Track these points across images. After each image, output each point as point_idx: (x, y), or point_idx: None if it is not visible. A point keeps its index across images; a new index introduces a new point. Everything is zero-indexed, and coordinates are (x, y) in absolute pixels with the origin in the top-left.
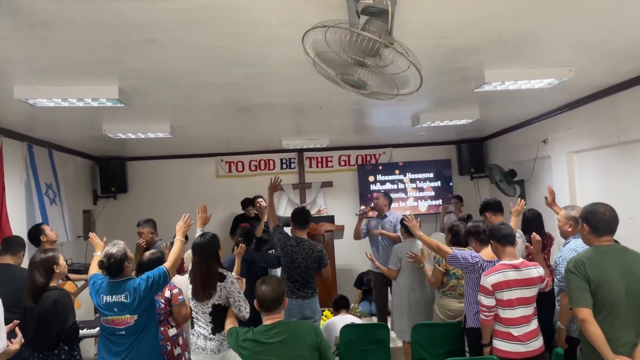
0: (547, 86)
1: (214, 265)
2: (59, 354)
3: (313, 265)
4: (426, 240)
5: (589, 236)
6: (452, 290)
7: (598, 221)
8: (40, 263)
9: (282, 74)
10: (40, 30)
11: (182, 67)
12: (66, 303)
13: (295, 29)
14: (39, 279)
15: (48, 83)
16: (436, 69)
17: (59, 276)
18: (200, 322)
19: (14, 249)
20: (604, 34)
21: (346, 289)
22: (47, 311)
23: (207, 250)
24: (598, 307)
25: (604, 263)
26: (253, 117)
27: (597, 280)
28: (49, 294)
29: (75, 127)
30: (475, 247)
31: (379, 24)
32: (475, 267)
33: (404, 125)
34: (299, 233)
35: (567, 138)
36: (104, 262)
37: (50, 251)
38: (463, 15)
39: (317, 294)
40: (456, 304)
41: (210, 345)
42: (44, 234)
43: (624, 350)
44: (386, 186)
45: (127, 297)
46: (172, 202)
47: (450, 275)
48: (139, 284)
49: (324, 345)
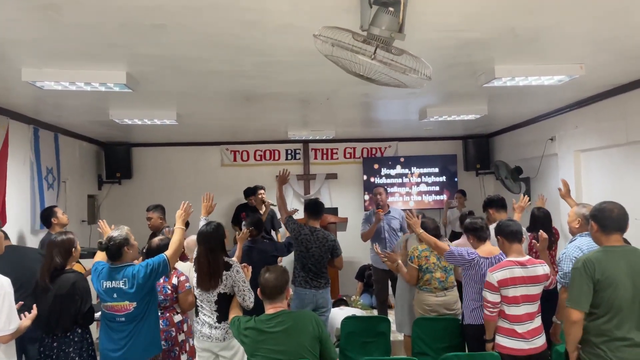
0: (557, 83)
1: (220, 254)
2: (72, 336)
3: (326, 254)
4: (425, 238)
5: (597, 234)
6: (427, 284)
7: (606, 218)
8: (60, 243)
9: (291, 63)
10: (50, 12)
11: (190, 54)
12: (84, 286)
13: (306, 17)
14: (57, 260)
15: (56, 66)
16: (446, 62)
17: (75, 260)
18: (205, 310)
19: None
20: (617, 32)
21: (348, 281)
22: (65, 293)
23: (213, 239)
24: (604, 308)
25: (612, 264)
26: (260, 106)
27: (604, 281)
28: (67, 276)
29: (81, 111)
30: (472, 243)
31: (388, 19)
32: (471, 264)
33: (411, 118)
34: (312, 223)
35: (575, 136)
36: (103, 242)
37: (70, 233)
38: (476, 7)
39: (329, 285)
40: (432, 298)
41: (215, 334)
42: (56, 216)
43: (630, 352)
44: (391, 180)
45: (126, 284)
46: (176, 189)
47: (423, 270)
48: (138, 271)
49: (325, 336)
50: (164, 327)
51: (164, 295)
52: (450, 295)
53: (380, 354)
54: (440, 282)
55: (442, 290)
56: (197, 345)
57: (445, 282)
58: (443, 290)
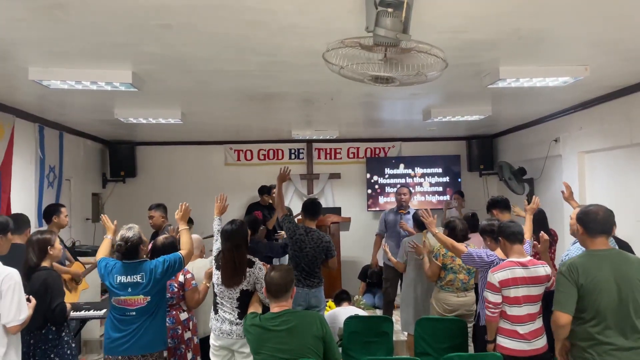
0: (562, 85)
1: (245, 251)
2: (47, 333)
3: (320, 255)
4: (441, 238)
5: (582, 237)
6: (449, 285)
7: (590, 221)
8: (35, 242)
9: (296, 64)
10: (56, 11)
11: (196, 53)
12: (54, 283)
13: (311, 17)
14: (31, 258)
15: (62, 65)
16: (451, 63)
17: (53, 259)
18: (226, 307)
19: (20, 227)
20: (623, 33)
21: (350, 281)
22: (36, 291)
23: (238, 236)
24: (590, 312)
25: (597, 268)
26: (264, 106)
27: (588, 285)
28: (38, 274)
29: (87, 110)
30: (490, 245)
31: (393, 20)
32: (491, 266)
33: (414, 119)
34: (308, 223)
35: (579, 138)
36: (122, 245)
37: (48, 233)
38: (482, 9)
39: (322, 284)
40: (454, 299)
41: (236, 330)
42: (59, 215)
43: (618, 356)
44: (394, 180)
45: (143, 278)
46: (180, 188)
47: (447, 269)
48: (156, 266)
49: (329, 336)
50: (171, 324)
51: (170, 293)
52: (469, 297)
53: (383, 354)
54: (463, 284)
55: (463, 291)
56: (213, 343)
57: (467, 284)
58: (464, 291)
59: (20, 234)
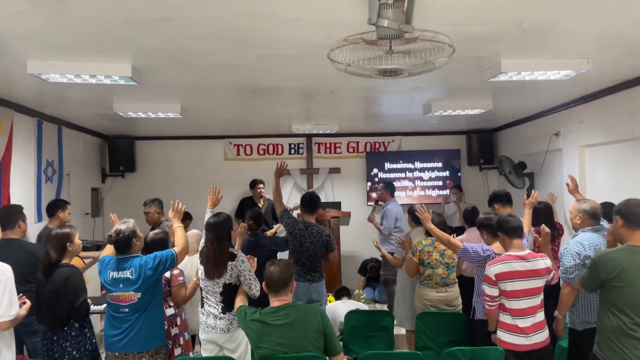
0: (563, 78)
1: (226, 244)
2: (70, 330)
3: (321, 249)
4: (437, 233)
5: (621, 230)
6: (428, 279)
7: (631, 212)
8: (55, 238)
9: (296, 57)
10: (55, 4)
11: (196, 47)
12: (77, 280)
13: (312, 10)
14: (51, 254)
15: (61, 59)
16: (452, 56)
17: (73, 254)
18: (211, 301)
19: (11, 221)
20: (625, 26)
21: (350, 275)
22: (59, 288)
23: (220, 227)
24: (624, 307)
25: (634, 264)
26: (264, 100)
27: (624, 281)
28: (60, 270)
29: (86, 104)
30: (487, 239)
31: (395, 11)
32: (487, 261)
33: (415, 113)
34: (307, 217)
35: (580, 131)
36: (112, 236)
37: (68, 227)
38: (483, 2)
39: (324, 278)
40: (434, 294)
41: (220, 324)
42: (63, 211)
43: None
44: (394, 174)
45: (133, 274)
46: (179, 182)
47: (425, 265)
48: (146, 262)
49: (329, 330)
50: None
51: None
52: (451, 292)
53: (384, 348)
54: (442, 279)
55: (444, 286)
56: (201, 337)
57: (447, 279)
58: (444, 286)
59: (12, 228)
